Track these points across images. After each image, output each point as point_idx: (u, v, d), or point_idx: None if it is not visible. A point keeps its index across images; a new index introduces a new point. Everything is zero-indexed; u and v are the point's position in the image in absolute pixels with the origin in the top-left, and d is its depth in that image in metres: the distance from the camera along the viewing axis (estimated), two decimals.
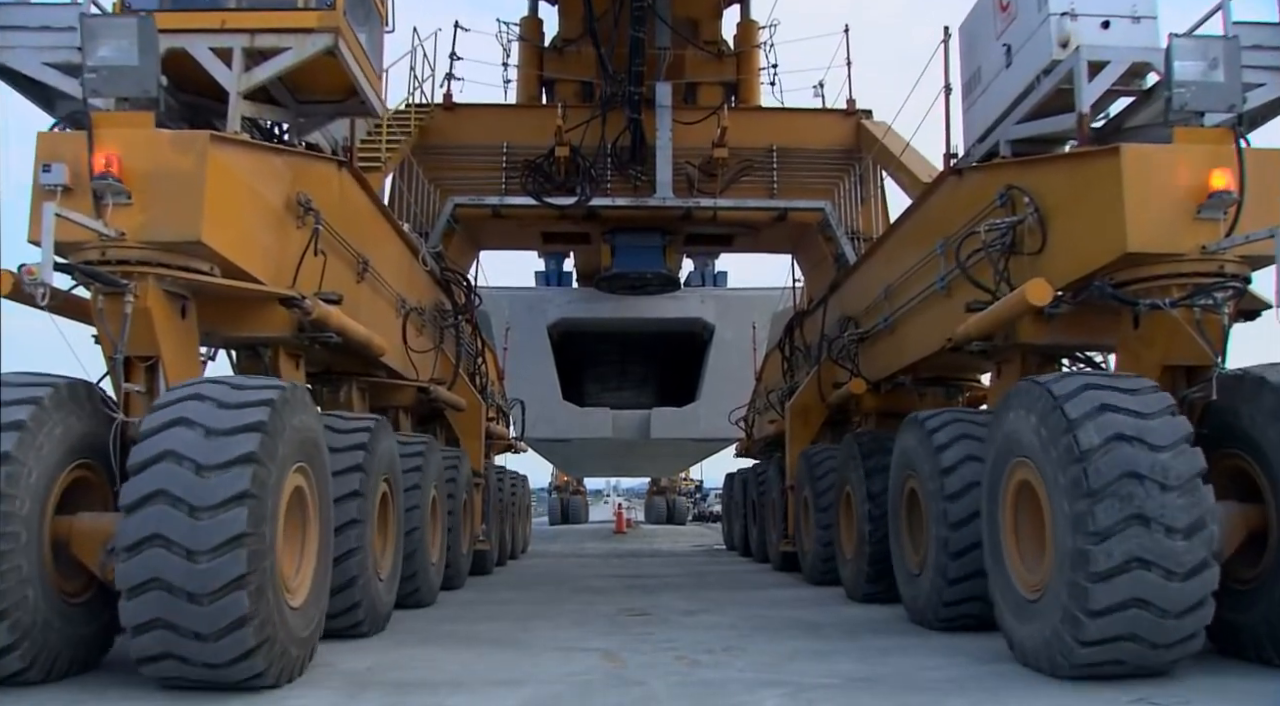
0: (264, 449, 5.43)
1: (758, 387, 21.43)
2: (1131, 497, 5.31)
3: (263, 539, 5.36)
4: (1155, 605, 5.29)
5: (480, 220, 14.61)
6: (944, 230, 9.46)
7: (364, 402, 11.01)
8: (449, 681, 5.97)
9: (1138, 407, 5.62)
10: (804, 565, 13.19)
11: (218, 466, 5.23)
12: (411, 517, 9.64)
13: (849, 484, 10.73)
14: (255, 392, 5.69)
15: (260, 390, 5.74)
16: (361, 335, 8.39)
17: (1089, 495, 5.39)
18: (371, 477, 7.76)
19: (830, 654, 6.91)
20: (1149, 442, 5.45)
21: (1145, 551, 5.27)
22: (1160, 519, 5.28)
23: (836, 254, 14.25)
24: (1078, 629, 5.45)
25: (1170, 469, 5.38)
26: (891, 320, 11.25)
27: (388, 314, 10.97)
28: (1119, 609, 5.32)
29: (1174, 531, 5.29)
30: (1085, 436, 5.51)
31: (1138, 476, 5.35)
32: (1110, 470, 5.39)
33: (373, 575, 7.80)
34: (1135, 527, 5.28)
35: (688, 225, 14.82)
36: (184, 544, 5.11)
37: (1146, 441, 5.46)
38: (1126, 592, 5.28)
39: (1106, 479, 5.38)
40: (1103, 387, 5.78)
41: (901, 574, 8.75)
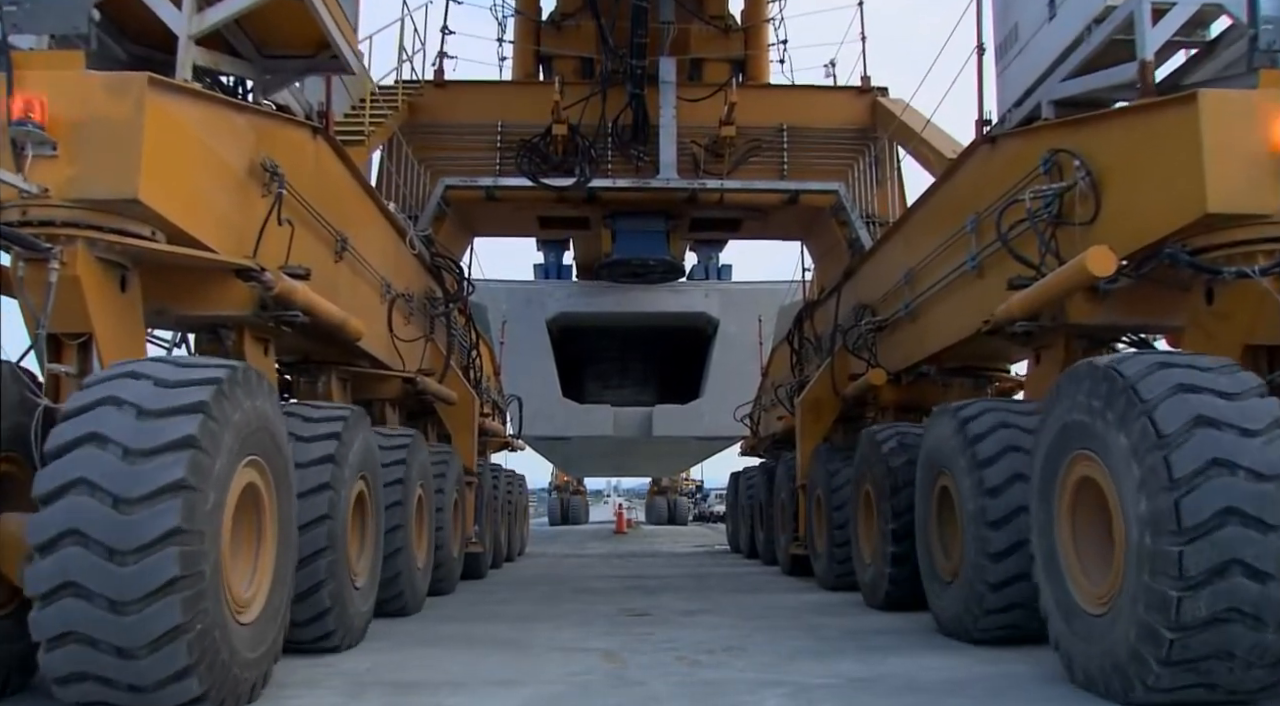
0: (206, 434, 4.63)
1: (764, 383, 20.65)
2: (1225, 489, 4.49)
3: (200, 538, 4.56)
4: (1255, 617, 4.47)
5: (473, 203, 13.80)
6: (975, 205, 8.66)
7: (345, 394, 10.20)
8: (449, 682, 5.91)
9: (1224, 388, 4.81)
10: (817, 569, 12.38)
11: (149, 451, 4.44)
12: (393, 517, 8.84)
13: (868, 482, 9.92)
14: (200, 372, 4.89)
15: (206, 369, 4.94)
16: (334, 315, 7.58)
17: (1170, 487, 4.58)
18: (344, 472, 6.96)
19: (831, 654, 6.85)
20: (1240, 427, 4.65)
21: (1242, 552, 4.45)
22: (1259, 514, 4.47)
23: (851, 239, 13.44)
24: (1158, 646, 4.64)
25: (1267, 455, 4.57)
26: (913, 306, 10.45)
27: (371, 299, 10.16)
28: (1211, 623, 4.50)
29: (1273, 528, 4.48)
30: (1164, 420, 4.69)
31: (1230, 465, 4.55)
32: (1196, 458, 4.58)
33: (346, 581, 6.99)
34: (1232, 525, 4.46)
35: (693, 209, 13.99)
36: (105, 541, 4.32)
37: (1237, 425, 4.65)
38: (1223, 602, 4.46)
39: (1192, 468, 4.57)
40: (1180, 367, 4.97)
41: (931, 580, 7.94)
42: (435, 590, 11.07)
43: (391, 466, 9.01)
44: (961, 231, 8.96)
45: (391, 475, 8.94)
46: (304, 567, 6.40)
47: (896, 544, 9.04)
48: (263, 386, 5.39)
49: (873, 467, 9.67)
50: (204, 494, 4.60)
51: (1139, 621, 4.76)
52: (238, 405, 5.00)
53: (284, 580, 5.78)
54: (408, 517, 9.11)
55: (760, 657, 6.67)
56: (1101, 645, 5.14)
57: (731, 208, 13.88)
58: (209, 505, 4.65)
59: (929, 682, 5.79)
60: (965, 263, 8.83)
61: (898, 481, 9.16)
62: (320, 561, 6.56)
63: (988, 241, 8.41)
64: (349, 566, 7.15)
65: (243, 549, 5.38)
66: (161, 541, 4.35)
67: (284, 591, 5.77)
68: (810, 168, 13.70)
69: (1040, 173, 7.23)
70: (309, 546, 6.46)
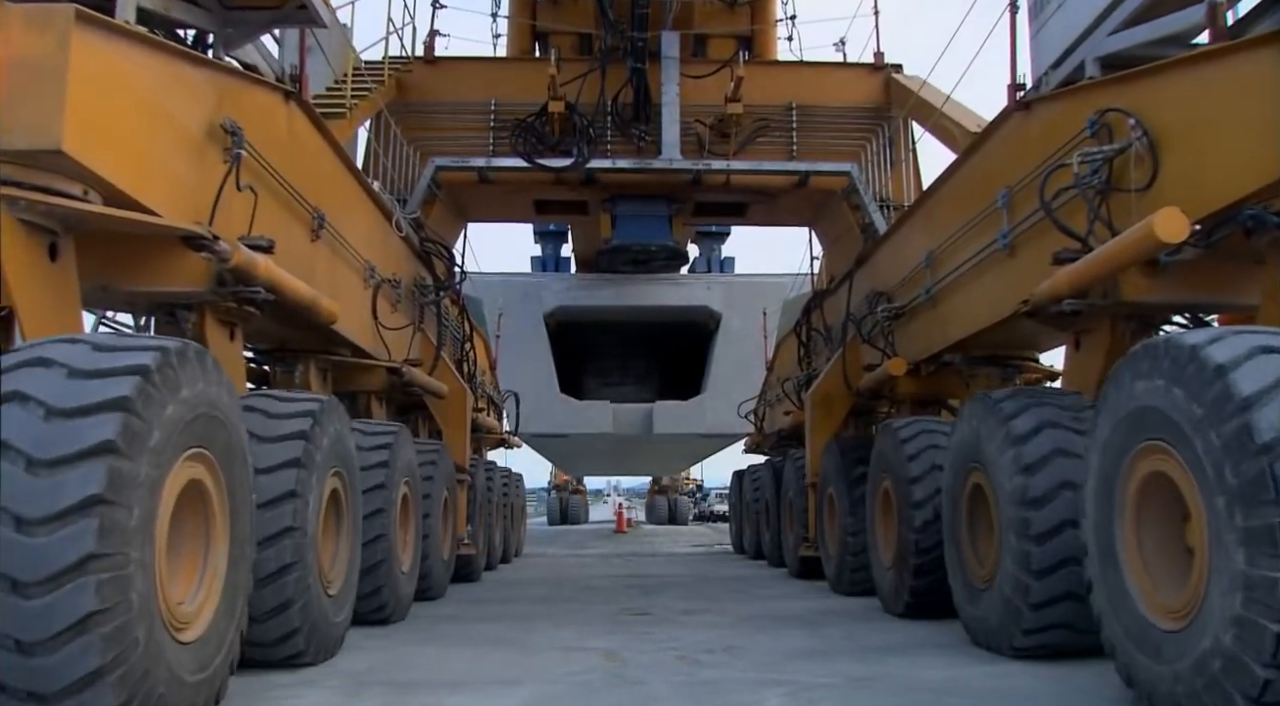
0: (127, 435, 3.89)
1: (769, 378, 19.97)
2: None
3: (124, 560, 3.83)
4: None
5: (465, 186, 13.07)
6: (1007, 178, 7.95)
7: (324, 385, 9.49)
8: (449, 681, 5.89)
9: None
10: (829, 572, 11.67)
11: (55, 462, 3.71)
12: (374, 522, 8.12)
13: (888, 479, 9.20)
14: (123, 356, 4.12)
15: (131, 352, 4.17)
16: (303, 294, 6.86)
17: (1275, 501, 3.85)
18: (312, 477, 6.23)
19: (832, 654, 6.82)
20: None
21: None
22: None
23: (864, 223, 12.72)
24: (1248, 680, 3.92)
25: None
26: (935, 291, 9.74)
27: (352, 282, 9.45)
28: None
29: None
30: (1267, 417, 3.96)
31: None
32: None
33: (317, 593, 6.27)
34: None
35: (697, 192, 13.24)
36: (7, 572, 3.60)
37: None
38: None
39: None
40: None
41: (961, 588, 7.22)
42: (422, 595, 10.37)
43: (373, 464, 8.29)
44: (991, 208, 8.25)
45: (372, 474, 8.22)
46: (269, 584, 5.71)
47: (920, 546, 8.33)
48: (205, 367, 4.66)
49: (893, 464, 8.95)
50: (124, 508, 3.85)
51: (1229, 642, 4.04)
52: (172, 393, 4.27)
53: (237, 586, 5.07)
54: (391, 518, 8.40)
55: (760, 657, 6.63)
56: (1179, 666, 4.43)
57: (738, 191, 13.14)
58: (133, 519, 3.91)
59: (929, 682, 5.75)
60: (996, 241, 8.12)
61: (922, 478, 8.46)
62: (287, 578, 5.83)
63: (1021, 217, 7.71)
64: (320, 574, 6.43)
65: (186, 553, 4.67)
66: (73, 570, 3.63)
67: (236, 600, 5.06)
68: (821, 148, 12.97)
69: (1087, 136, 6.52)
70: (273, 562, 5.75)
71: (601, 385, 27.81)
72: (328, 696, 5.41)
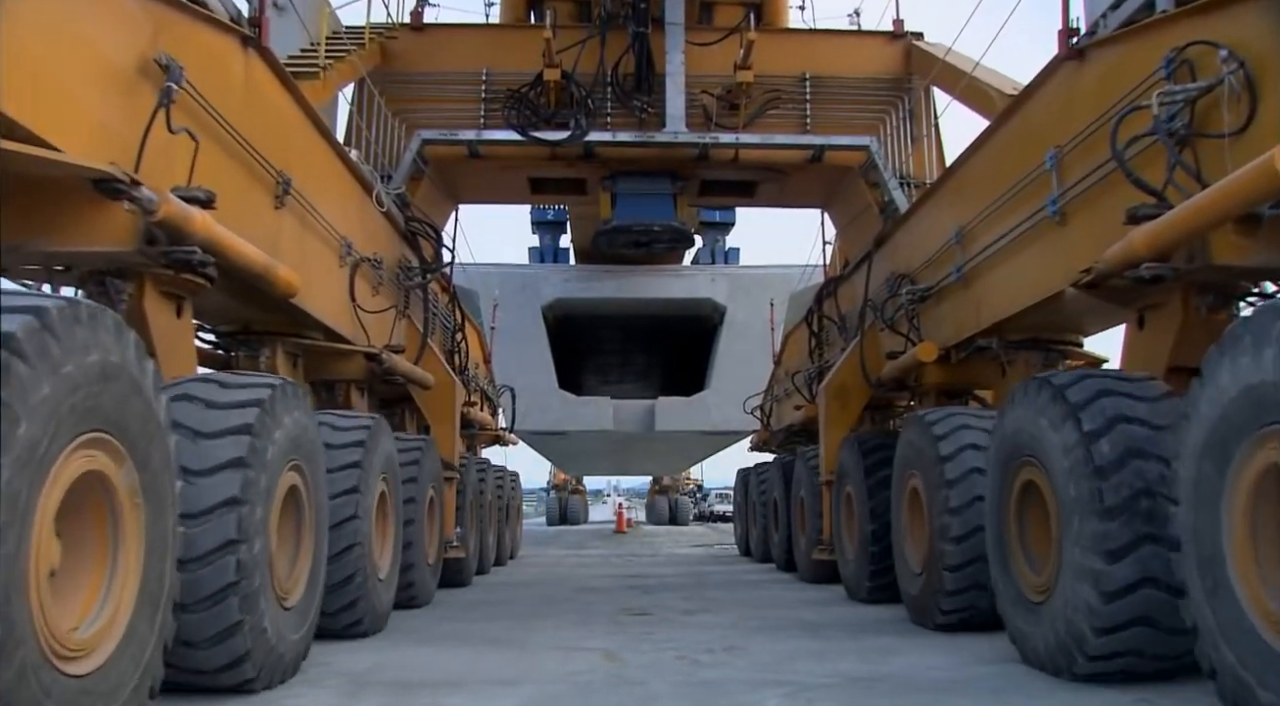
0: None
1: (776, 372, 19.08)
2: None
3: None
4: None
5: (454, 162, 12.16)
6: (1056, 137, 7.07)
7: (294, 371, 8.61)
8: (449, 681, 5.86)
9: None
10: (846, 578, 10.77)
11: None
12: (346, 529, 7.23)
13: (918, 476, 8.30)
14: None
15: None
16: (252, 259, 5.95)
17: None
18: (266, 473, 5.33)
19: (831, 653, 6.77)
20: None
21: None
22: None
23: (883, 202, 11.81)
24: None
25: None
26: (966, 270, 8.85)
27: (325, 258, 8.56)
28: None
29: None
30: None
31: None
32: None
33: (271, 610, 5.38)
34: None
35: (703, 168, 12.32)
36: None
37: None
38: None
39: None
40: None
41: (1011, 602, 6.32)
42: (406, 602, 9.48)
43: (345, 464, 7.40)
44: (1036, 173, 7.37)
45: (344, 481, 7.34)
46: (211, 608, 4.83)
47: (959, 553, 7.45)
48: (105, 325, 3.74)
49: (924, 459, 8.06)
50: None
51: None
52: (49, 362, 3.38)
53: (156, 601, 4.18)
54: (366, 527, 7.50)
55: (761, 657, 6.59)
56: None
57: (747, 167, 12.21)
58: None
59: (930, 682, 5.71)
60: (1042, 209, 7.23)
61: (959, 480, 7.57)
62: (230, 599, 4.93)
63: (1073, 179, 6.82)
64: (275, 587, 5.54)
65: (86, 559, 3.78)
66: None
67: (155, 618, 4.16)
68: (836, 122, 12.06)
69: (1161, 77, 5.62)
70: (214, 581, 4.86)
71: (601, 380, 27.01)
72: (327, 696, 5.36)
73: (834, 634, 7.76)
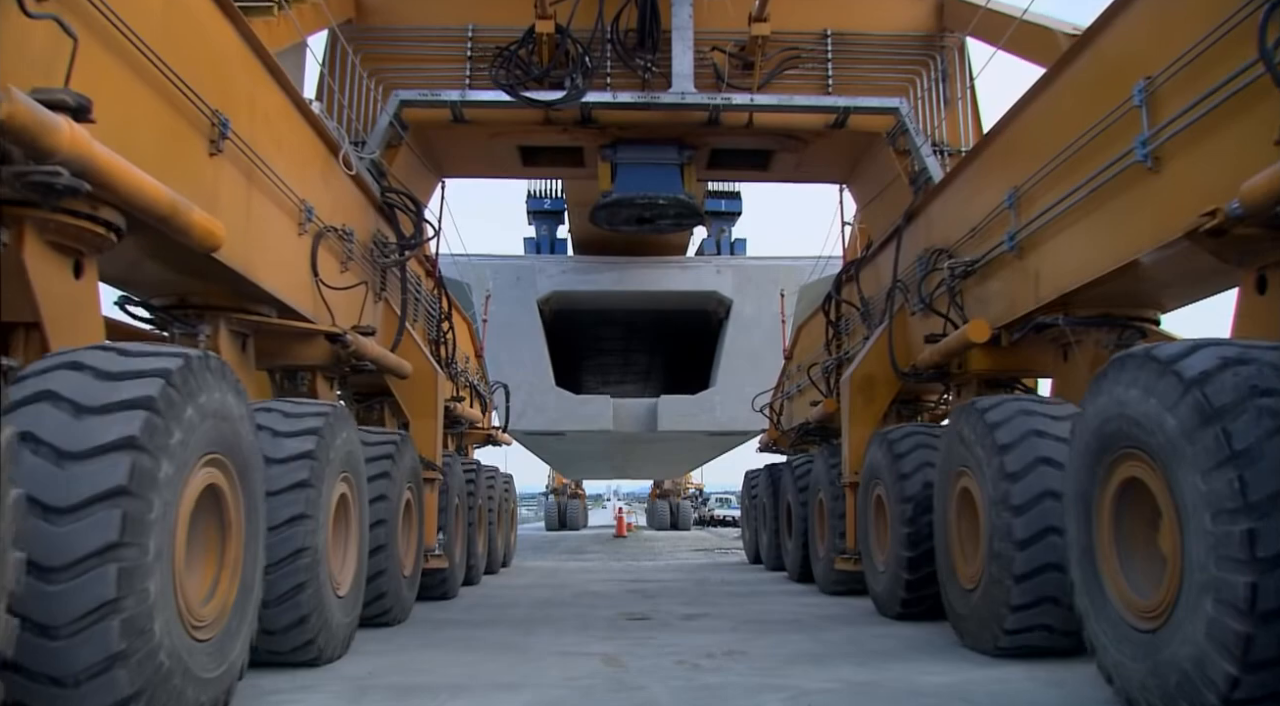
0: None
1: (787, 367, 17.89)
2: None
3: None
4: None
5: (437, 128, 10.95)
6: (1149, 63, 5.88)
7: (242, 354, 7.40)
8: (449, 685, 5.85)
9: None
10: (875, 591, 9.54)
11: None
12: (291, 532, 6.02)
13: (972, 475, 7.09)
14: None
15: None
16: (149, 193, 4.70)
17: None
18: (167, 463, 4.12)
19: (831, 658, 6.79)
20: None
21: None
22: None
23: (913, 171, 10.61)
24: None
25: None
26: (1021, 238, 7.66)
27: (278, 222, 7.36)
28: None
29: None
30: None
31: None
32: None
33: (170, 640, 4.16)
34: None
35: (714, 135, 11.09)
36: None
37: None
38: None
39: None
40: None
41: (1106, 624, 5.11)
42: (375, 619, 8.28)
43: (292, 461, 6.20)
44: (1119, 111, 6.17)
45: (289, 474, 6.13)
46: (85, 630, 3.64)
47: (1026, 559, 6.24)
48: None
49: (980, 455, 6.84)
50: None
51: None
52: None
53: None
54: (318, 533, 6.28)
55: (761, 661, 6.61)
56: None
57: (762, 134, 10.98)
58: None
59: (930, 688, 5.70)
60: (1128, 153, 6.03)
61: (1023, 474, 6.37)
62: (111, 621, 3.73)
63: (1174, 113, 5.61)
64: (182, 612, 4.33)
65: None
66: None
67: None
68: (861, 84, 10.85)
69: None
70: (89, 595, 3.67)
71: (600, 378, 25.92)
72: (328, 701, 5.38)
73: (834, 638, 7.75)
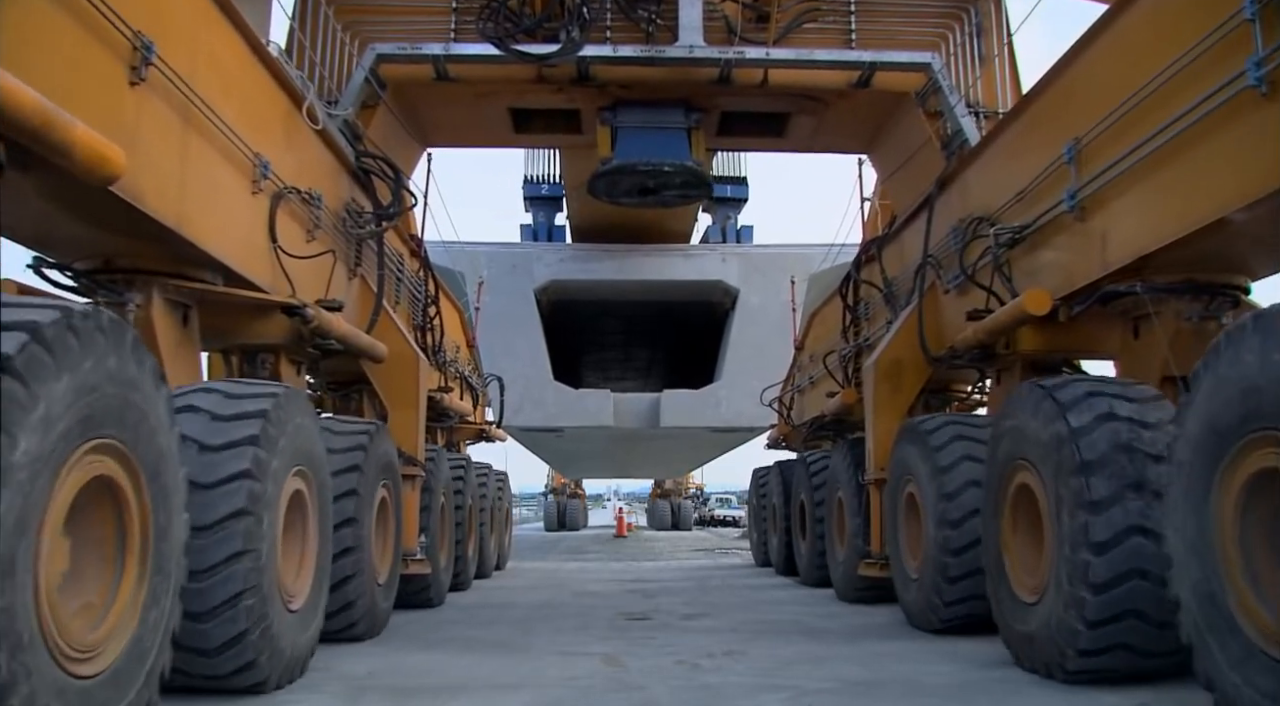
0: None
1: (798, 359, 16.83)
2: None
3: None
4: None
5: (419, 88, 9.90)
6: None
7: (182, 327, 6.36)
8: (449, 686, 5.80)
9: None
10: (908, 601, 8.50)
11: None
12: (231, 532, 5.00)
13: (1025, 470, 6.06)
14: None
15: None
16: (8, 94, 3.65)
17: None
18: (31, 442, 3.10)
19: (831, 658, 6.70)
20: None
21: None
22: None
23: (945, 135, 9.58)
24: None
25: None
26: (1084, 196, 6.63)
27: (224, 175, 6.33)
28: None
29: None
30: None
31: None
32: None
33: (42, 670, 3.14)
34: None
35: (725, 96, 10.02)
36: None
37: None
38: None
39: None
40: None
41: (1233, 654, 4.08)
42: (341, 632, 7.25)
43: (229, 440, 5.17)
44: (1218, 34, 5.14)
45: (228, 453, 5.12)
46: None
47: (1105, 566, 5.21)
48: None
49: (1044, 441, 5.80)
50: None
51: None
52: None
53: None
54: (264, 537, 5.25)
55: (760, 661, 6.58)
56: None
57: (778, 94, 9.91)
58: None
59: (930, 687, 5.67)
60: (1235, 80, 5.00)
61: (1100, 456, 5.35)
62: None
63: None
64: (53, 641, 3.30)
65: None
66: None
67: None
68: (887, 38, 9.81)
69: None
70: None
71: (600, 372, 24.93)
72: (328, 702, 5.35)
73: (833, 638, 7.76)
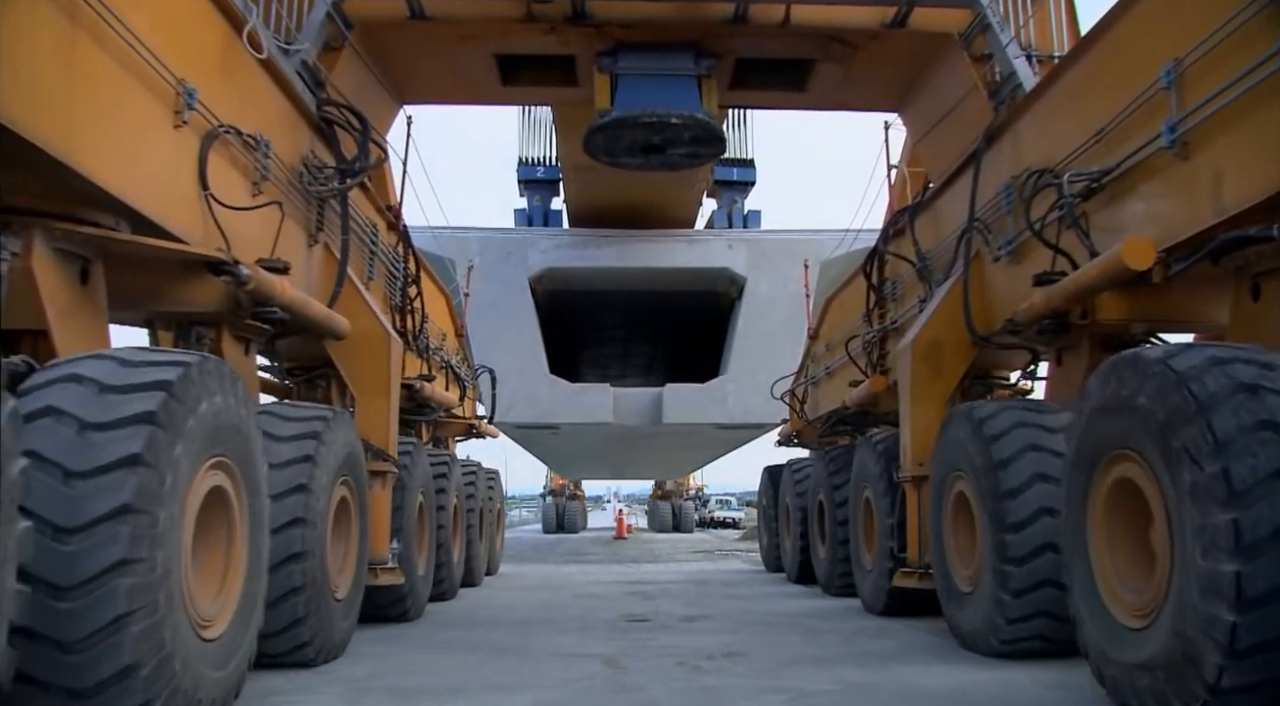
0: None
1: (812, 348, 15.60)
2: None
3: None
4: None
5: (392, 30, 8.67)
6: None
7: (84, 287, 5.13)
8: (450, 687, 5.79)
9: None
10: (959, 618, 7.26)
11: None
12: (105, 536, 3.78)
13: (1128, 461, 4.83)
14: None
15: None
16: None
17: None
18: None
19: (831, 660, 6.71)
20: None
21: None
22: None
23: (994, 82, 8.36)
24: None
25: None
26: (1185, 131, 5.42)
27: (134, 98, 5.11)
28: None
29: None
30: None
31: None
32: None
33: None
34: None
35: (739, 40, 8.77)
36: None
37: None
38: None
39: None
40: None
41: None
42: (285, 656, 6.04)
43: (114, 417, 3.96)
44: None
45: (113, 434, 3.91)
46: None
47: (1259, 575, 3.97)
48: None
49: (1153, 422, 4.56)
50: None
51: None
52: None
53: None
54: (159, 520, 4.02)
55: (760, 663, 6.55)
56: None
57: (800, 37, 8.66)
58: None
59: (930, 689, 5.67)
60: None
61: (1232, 437, 4.12)
62: None
63: None
64: None
65: None
66: None
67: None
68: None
69: None
70: None
71: (600, 365, 23.76)
72: (328, 702, 5.34)
73: (833, 640, 7.72)
